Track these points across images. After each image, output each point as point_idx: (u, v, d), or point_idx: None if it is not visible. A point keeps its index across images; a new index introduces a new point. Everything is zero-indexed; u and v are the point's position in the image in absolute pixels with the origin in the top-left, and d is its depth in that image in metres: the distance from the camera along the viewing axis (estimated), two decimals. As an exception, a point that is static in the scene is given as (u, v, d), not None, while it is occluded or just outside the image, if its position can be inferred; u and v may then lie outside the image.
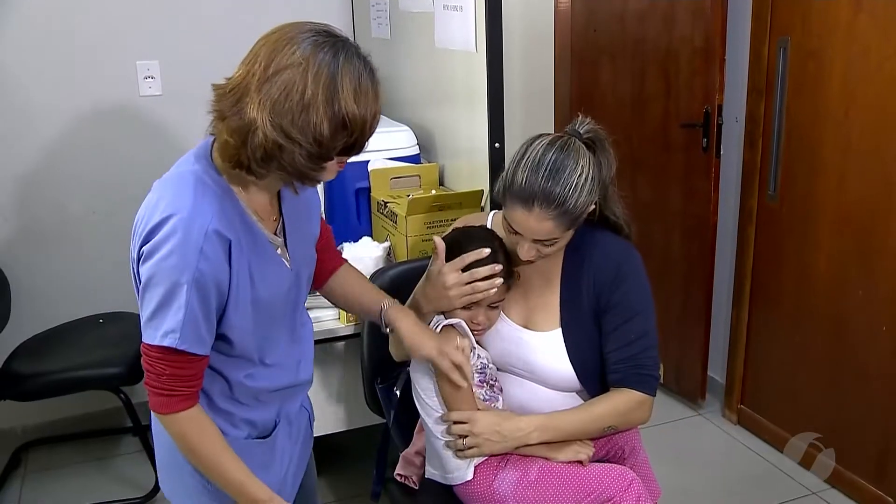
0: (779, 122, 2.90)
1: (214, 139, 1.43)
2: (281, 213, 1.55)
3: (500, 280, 1.69)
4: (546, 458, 1.73)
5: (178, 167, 1.46)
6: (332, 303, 1.88)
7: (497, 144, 2.35)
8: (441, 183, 2.80)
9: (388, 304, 1.73)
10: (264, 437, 1.58)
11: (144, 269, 1.35)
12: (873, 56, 2.51)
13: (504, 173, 1.66)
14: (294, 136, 1.30)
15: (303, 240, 1.60)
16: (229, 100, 1.34)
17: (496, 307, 1.77)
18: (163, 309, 1.35)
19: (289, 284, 1.55)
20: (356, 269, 1.83)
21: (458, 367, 1.67)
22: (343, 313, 2.28)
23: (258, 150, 1.32)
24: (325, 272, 1.75)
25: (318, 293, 1.81)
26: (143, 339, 1.39)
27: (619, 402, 1.74)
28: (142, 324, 1.39)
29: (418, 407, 1.82)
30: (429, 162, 2.86)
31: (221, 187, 1.41)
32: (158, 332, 1.36)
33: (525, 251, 1.67)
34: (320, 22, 1.39)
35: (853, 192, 2.65)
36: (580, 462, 1.73)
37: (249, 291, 1.44)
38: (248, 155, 1.33)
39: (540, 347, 1.77)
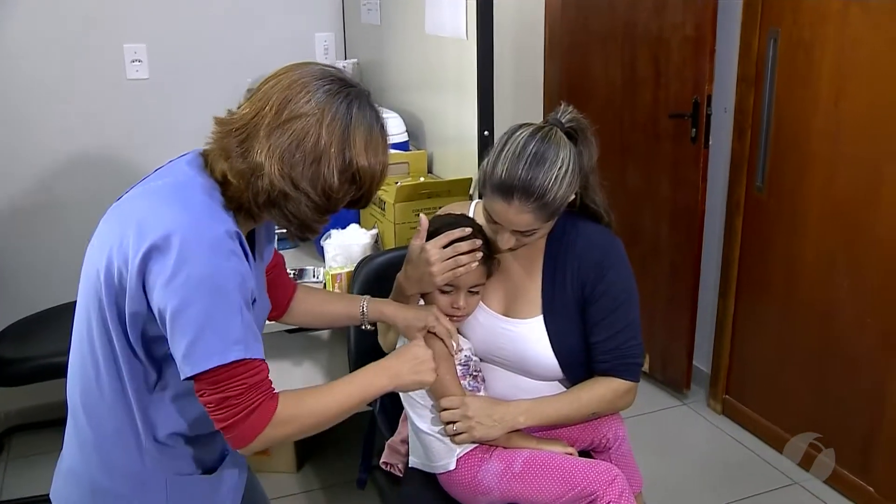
0: (768, 114, 2.90)
1: (206, 160, 1.36)
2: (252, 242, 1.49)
3: (480, 254, 1.69)
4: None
5: (171, 176, 1.34)
6: (297, 324, 1.85)
7: (486, 132, 2.34)
8: (429, 170, 2.79)
9: (366, 301, 1.74)
10: (210, 472, 1.47)
11: (172, 290, 1.21)
12: (865, 48, 2.51)
13: (485, 163, 1.65)
14: (302, 186, 1.28)
15: (263, 267, 1.56)
16: (234, 139, 1.28)
17: (475, 293, 1.77)
18: (211, 325, 1.22)
19: (266, 311, 1.54)
20: (311, 287, 1.83)
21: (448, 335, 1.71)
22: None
23: (261, 196, 1.28)
24: (285, 298, 1.72)
25: (277, 322, 1.77)
26: (193, 371, 1.23)
27: (605, 389, 1.76)
28: (181, 355, 1.23)
29: (402, 398, 1.83)
30: (417, 149, 2.86)
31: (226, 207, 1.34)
32: (217, 351, 1.23)
33: (504, 241, 1.67)
34: (329, 65, 1.36)
35: (841, 184, 2.66)
36: (567, 452, 1.74)
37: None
38: (249, 198, 1.29)
39: (521, 335, 1.78)
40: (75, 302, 1.41)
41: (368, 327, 1.78)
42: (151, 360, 1.32)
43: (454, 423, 1.69)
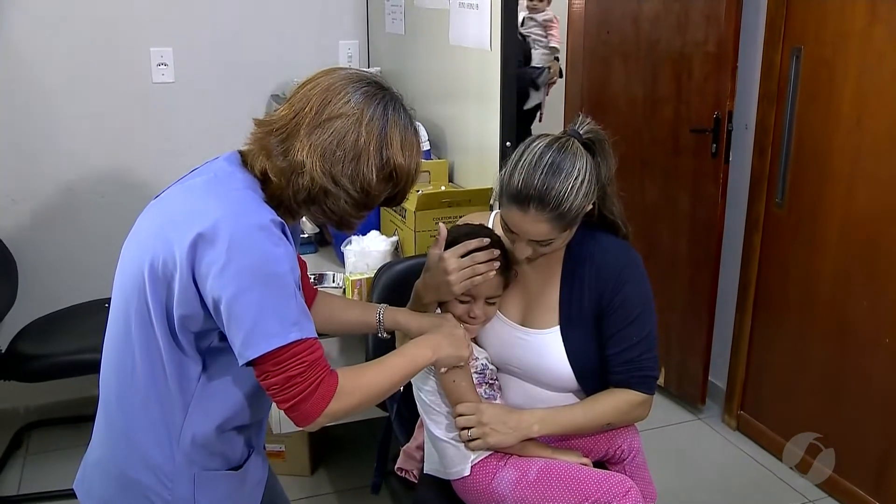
0: (789, 130, 2.90)
1: (245, 161, 1.40)
2: None
3: (498, 264, 1.70)
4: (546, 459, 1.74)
5: (211, 173, 1.39)
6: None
7: (508, 143, 2.36)
8: (451, 179, 2.81)
9: (382, 309, 1.76)
10: (236, 469, 1.49)
11: (227, 279, 1.24)
12: (888, 66, 2.50)
13: (502, 173, 1.66)
14: (342, 183, 1.33)
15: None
16: (275, 138, 1.34)
17: (493, 303, 1.78)
18: (269, 308, 1.27)
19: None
20: (330, 294, 1.85)
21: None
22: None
23: (302, 193, 1.33)
24: (307, 303, 1.73)
25: None
26: (255, 354, 1.26)
27: (620, 401, 1.76)
28: (241, 341, 1.27)
29: (418, 404, 1.84)
30: (439, 158, 2.87)
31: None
32: (277, 332, 1.27)
33: (521, 251, 1.68)
34: (364, 70, 1.43)
35: (862, 202, 2.65)
36: (582, 463, 1.75)
37: None
38: (289, 195, 1.34)
39: (538, 345, 1.78)
40: (95, 300, 1.43)
41: (384, 335, 1.78)
42: (196, 354, 1.35)
43: (469, 429, 1.70)
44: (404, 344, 1.61)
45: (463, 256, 1.70)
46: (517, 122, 2.42)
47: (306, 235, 2.78)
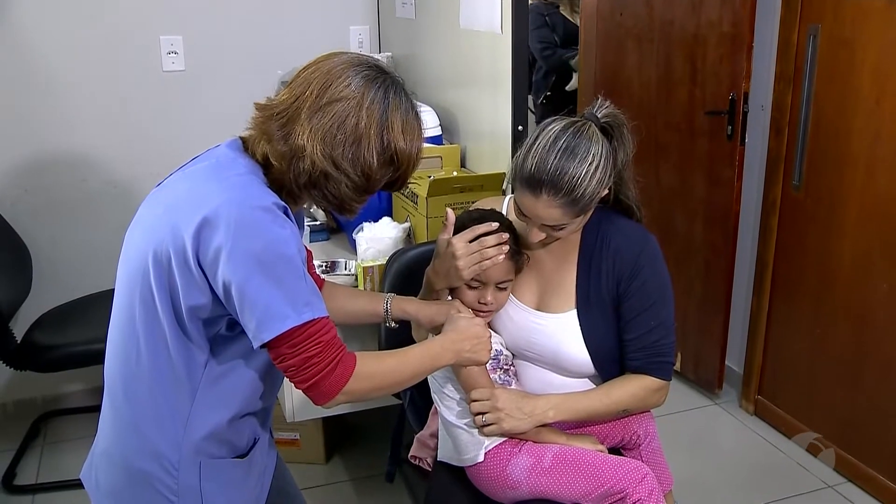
0: (806, 112, 2.86)
1: (246, 147, 1.40)
2: None
3: (507, 248, 1.68)
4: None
5: (213, 159, 1.38)
6: None
7: (520, 127, 2.34)
8: (463, 165, 2.79)
9: (390, 298, 1.75)
10: (242, 457, 1.48)
11: (235, 264, 1.24)
12: (906, 46, 2.46)
13: (516, 157, 1.64)
14: (343, 167, 1.33)
15: None
16: (276, 122, 1.33)
17: (504, 288, 1.76)
18: (280, 291, 1.26)
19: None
20: (336, 284, 1.84)
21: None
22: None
23: (303, 176, 1.32)
24: None
25: None
26: (270, 336, 1.27)
27: (637, 387, 1.75)
28: (255, 324, 1.27)
29: (432, 392, 1.83)
30: (451, 143, 2.86)
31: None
32: (290, 314, 1.27)
33: (534, 235, 1.67)
34: (365, 54, 1.42)
35: (881, 184, 2.61)
36: (597, 449, 1.73)
37: None
38: (291, 179, 1.34)
39: (553, 329, 1.76)
40: (110, 290, 1.43)
41: (392, 325, 1.77)
42: (202, 341, 1.35)
43: (483, 414, 1.69)
44: (429, 339, 1.61)
45: (471, 241, 1.68)
46: (559, 103, 2.40)
47: (319, 223, 2.77)
